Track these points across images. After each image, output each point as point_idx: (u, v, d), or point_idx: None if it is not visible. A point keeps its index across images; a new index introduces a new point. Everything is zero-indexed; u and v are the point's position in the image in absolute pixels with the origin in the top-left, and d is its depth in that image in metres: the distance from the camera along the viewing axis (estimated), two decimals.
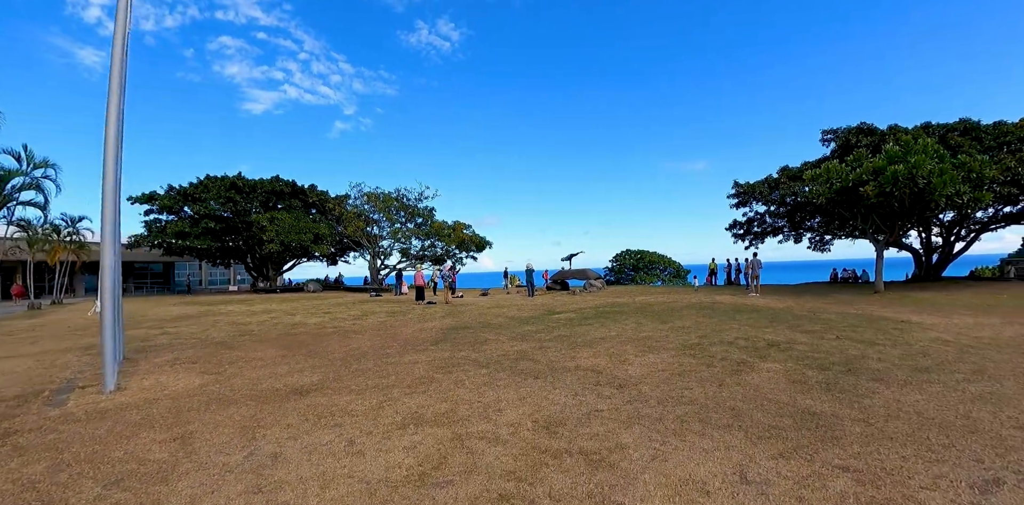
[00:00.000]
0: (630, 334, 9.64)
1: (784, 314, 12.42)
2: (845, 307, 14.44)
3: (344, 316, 15.69)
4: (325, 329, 12.59)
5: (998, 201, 21.00)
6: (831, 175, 18.73)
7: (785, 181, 25.86)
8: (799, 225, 30.68)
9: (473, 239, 41.98)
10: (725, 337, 8.88)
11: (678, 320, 11.56)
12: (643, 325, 10.89)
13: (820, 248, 33.63)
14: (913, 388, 5.41)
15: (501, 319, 13.22)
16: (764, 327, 10.13)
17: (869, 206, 18.18)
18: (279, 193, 38.24)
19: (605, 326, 10.93)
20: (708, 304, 15.22)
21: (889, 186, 16.68)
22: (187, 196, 34.93)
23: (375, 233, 40.19)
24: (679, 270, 50.61)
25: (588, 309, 14.86)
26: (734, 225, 32.35)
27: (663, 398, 5.24)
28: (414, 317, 14.73)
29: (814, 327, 10.05)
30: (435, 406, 5.30)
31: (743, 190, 28.44)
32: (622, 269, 51.75)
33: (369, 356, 8.51)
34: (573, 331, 10.32)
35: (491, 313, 14.89)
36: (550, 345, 8.75)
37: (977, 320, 11.27)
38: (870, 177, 17.55)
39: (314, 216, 39.57)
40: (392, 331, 11.72)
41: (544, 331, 10.53)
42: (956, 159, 17.01)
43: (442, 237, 39.56)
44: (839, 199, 18.88)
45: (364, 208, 39.60)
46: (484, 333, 10.55)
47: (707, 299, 17.27)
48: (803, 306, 14.70)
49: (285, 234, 34.01)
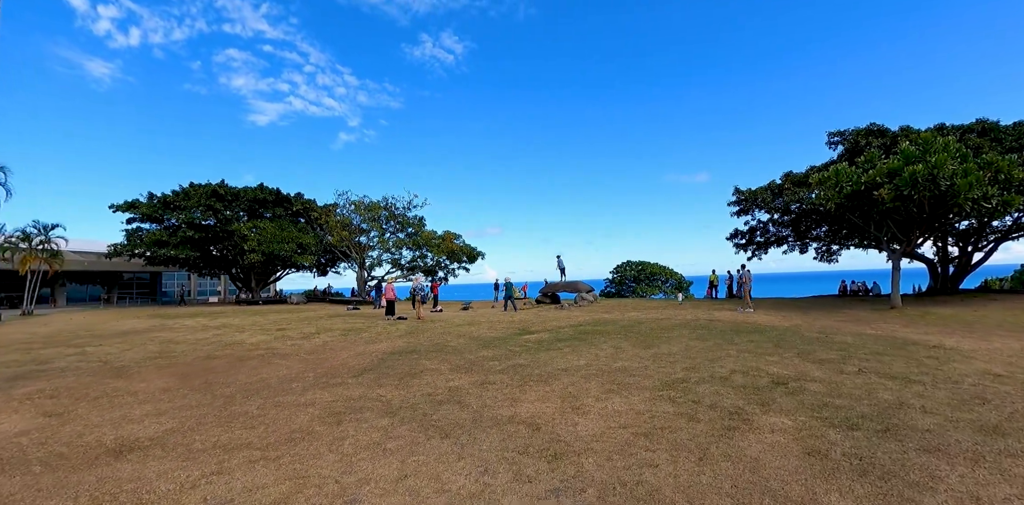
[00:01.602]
0: (602, 364, 7.82)
1: (791, 336, 10.57)
2: (861, 326, 12.58)
3: (293, 334, 13.91)
4: (255, 351, 10.81)
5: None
6: (841, 178, 16.95)
7: (790, 187, 24.08)
8: (805, 234, 28.82)
9: (464, 249, 40.25)
10: (718, 370, 7.04)
11: (665, 344, 9.72)
12: (622, 351, 9.06)
13: (827, 259, 31.71)
14: (991, 468, 3.58)
15: (461, 341, 11.41)
16: (767, 354, 8.29)
17: (883, 212, 16.37)
18: (262, 201, 36.70)
19: (576, 351, 9.10)
20: (704, 322, 13.37)
21: (907, 189, 14.88)
22: (168, 204, 33.47)
23: (364, 243, 38.55)
24: (680, 282, 48.69)
25: (567, 328, 13.03)
26: (735, 235, 30.50)
27: (609, 485, 3.43)
28: (367, 337, 12.94)
29: (829, 354, 8.20)
30: (268, 489, 3.51)
31: (744, 197, 26.67)
32: (623, 280, 49.85)
33: (265, 392, 6.73)
34: (535, 359, 8.51)
35: (456, 332, 13.08)
36: (496, 380, 6.93)
37: (1012, 344, 9.40)
38: (885, 179, 15.76)
39: (301, 225, 37.98)
40: (326, 355, 9.92)
41: (501, 358, 8.72)
42: (981, 158, 15.23)
43: (431, 247, 37.85)
44: (850, 205, 17.07)
45: (351, 217, 37.92)
46: (428, 360, 8.74)
47: (704, 316, 15.41)
48: (812, 325, 12.84)
49: (267, 244, 32.40)
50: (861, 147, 22.52)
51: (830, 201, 16.94)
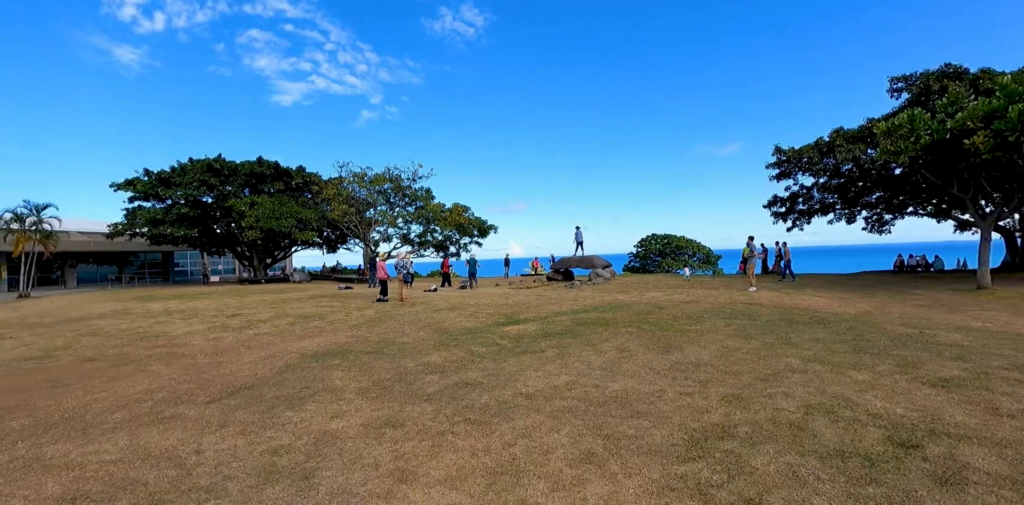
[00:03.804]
0: (592, 384, 5.10)
1: (869, 331, 7.63)
2: (955, 315, 9.50)
3: (238, 323, 11.57)
4: (154, 350, 8.43)
5: None
6: (917, 125, 13.45)
7: (842, 143, 20.42)
8: (855, 201, 25.08)
9: (474, 223, 37.49)
10: (781, 404, 4.24)
11: (692, 344, 6.91)
12: (628, 356, 6.31)
13: (878, 229, 27.95)
14: None
15: (422, 335, 8.81)
16: (850, 368, 5.44)
17: (975, 166, 12.91)
18: (260, 175, 34.43)
19: (562, 357, 6.38)
20: (743, 308, 10.44)
21: (1012, 134, 11.42)
22: (164, 181, 31.55)
23: (371, 217, 36.19)
24: (709, 255, 45.32)
25: (565, 316, 10.30)
26: (774, 202, 26.90)
27: None
28: (315, 327, 10.48)
29: (947, 369, 5.29)
30: None
31: (786, 157, 23.02)
32: (647, 255, 46.75)
33: (37, 435, 4.26)
34: (497, 370, 5.83)
35: (426, 321, 10.51)
36: (410, 417, 4.29)
37: None
38: (979, 124, 12.27)
39: (303, 200, 35.71)
40: (228, 358, 7.43)
41: (449, 367, 6.07)
42: None
43: (438, 220, 35.23)
44: (928, 159, 13.61)
45: (356, 190, 35.40)
46: (344, 371, 6.15)
47: (742, 298, 12.46)
48: (888, 313, 9.80)
49: (265, 220, 30.27)
50: (934, 92, 18.67)
51: (903, 154, 13.49)
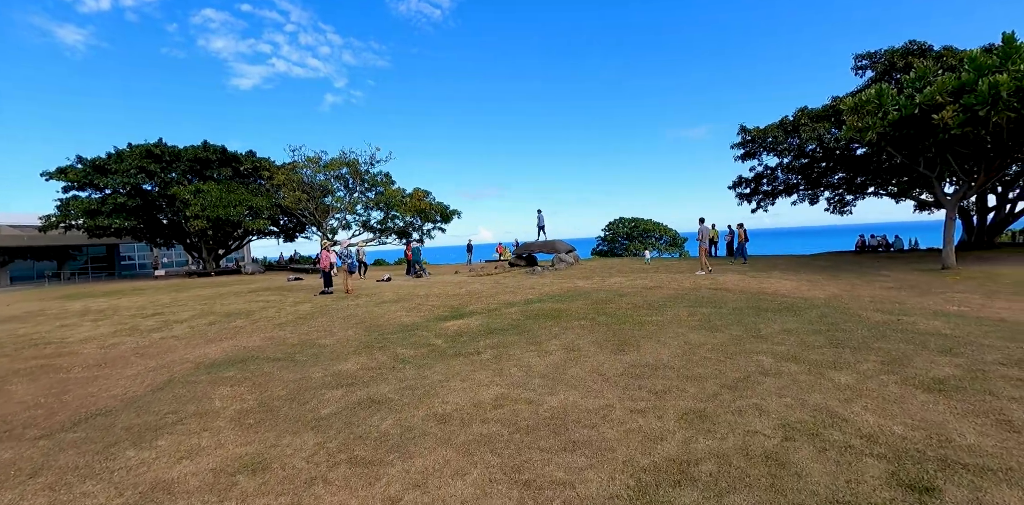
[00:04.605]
0: (527, 396, 4.19)
1: (843, 319, 6.96)
2: (927, 298, 8.98)
3: (154, 323, 10.27)
4: (30, 361, 7.15)
5: None
6: (885, 101, 12.92)
7: (807, 122, 20.00)
8: (817, 182, 24.88)
9: (436, 208, 36.11)
10: (754, 425, 3.41)
11: (651, 340, 6.09)
12: (577, 356, 5.44)
13: (840, 210, 28.02)
14: None
15: (350, 333, 7.76)
16: (829, 367, 4.69)
17: (943, 143, 12.46)
18: (206, 161, 32.06)
19: (499, 361, 5.46)
20: (708, 295, 9.73)
21: (983, 109, 10.94)
22: (99, 168, 28.97)
23: (329, 204, 34.39)
24: (675, 238, 45.40)
25: (516, 307, 9.38)
26: (739, 183, 26.52)
27: None
28: (235, 326, 9.30)
29: (935, 365, 4.59)
30: None
31: (752, 137, 22.53)
32: (615, 238, 46.59)
33: None
34: (418, 380, 4.87)
35: (361, 317, 9.44)
36: (278, 454, 3.30)
37: None
38: (948, 99, 11.78)
39: (254, 187, 33.52)
40: (108, 371, 6.24)
41: (360, 379, 5.08)
42: None
43: (397, 206, 33.73)
44: (896, 135, 13.12)
45: (312, 176, 33.44)
46: (235, 386, 5.10)
47: (707, 282, 11.80)
48: (858, 296, 9.24)
49: (212, 208, 28.20)
50: (898, 69, 18.30)
51: (870, 131, 12.94)
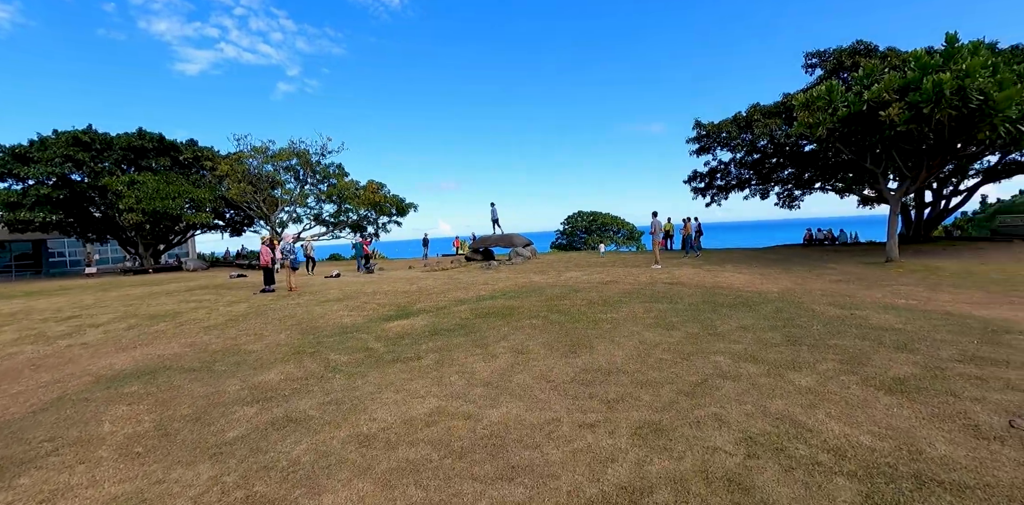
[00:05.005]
0: (466, 409, 3.75)
1: (798, 314, 6.86)
2: (874, 291, 9.09)
3: (59, 331, 9.28)
4: None
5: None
6: (835, 97, 13.10)
7: (759, 118, 20.29)
8: (768, 177, 25.47)
9: (391, 201, 34.99)
10: (715, 441, 3.09)
11: (605, 340, 5.77)
12: (525, 360, 5.05)
13: (789, 205, 28.83)
14: None
15: (284, 336, 7.13)
16: (788, 367, 4.48)
17: (888, 139, 12.72)
18: (141, 150, 29.75)
19: (441, 367, 5.01)
20: (664, 290, 9.55)
21: (927, 106, 11.18)
22: (20, 157, 26.39)
23: (279, 196, 32.75)
24: (632, 232, 46.09)
25: (467, 304, 8.93)
26: (694, 177, 26.84)
27: None
28: (158, 331, 8.48)
29: (893, 363, 4.45)
30: None
31: (706, 132, 22.73)
32: (574, 232, 46.93)
33: None
34: (348, 392, 4.35)
35: (300, 317, 8.78)
36: (167, 495, 2.75)
37: None
38: (894, 96, 12.02)
39: (196, 178, 31.43)
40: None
41: (286, 393, 4.53)
42: (1018, 68, 11.64)
43: (350, 199, 32.49)
44: (844, 131, 13.34)
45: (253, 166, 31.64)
46: (128, 404, 4.44)
47: (663, 276, 11.68)
48: (809, 290, 9.26)
49: (148, 201, 26.16)
50: (846, 67, 18.76)
51: (820, 126, 13.12)
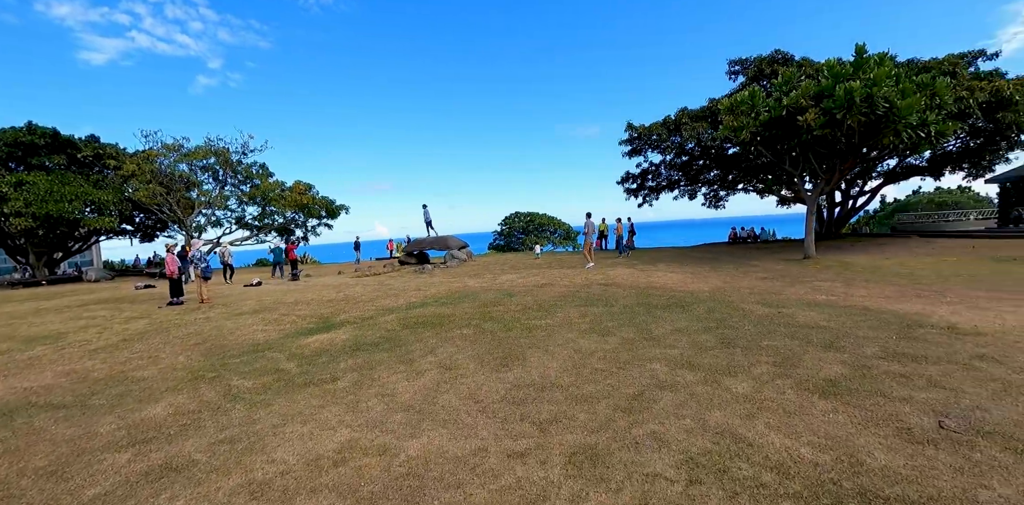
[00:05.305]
0: (381, 441, 3.31)
1: (729, 314, 6.88)
2: (797, 287, 9.40)
3: None
4: None
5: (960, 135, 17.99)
6: (757, 102, 13.63)
7: (687, 122, 20.93)
8: (696, 178, 26.44)
9: (321, 203, 33.21)
10: (655, 465, 2.84)
11: (537, 351, 5.47)
12: (454, 376, 4.65)
13: (715, 205, 30.10)
14: None
15: (183, 358, 6.33)
16: (724, 372, 4.35)
17: (805, 143, 13.37)
18: (30, 147, 26.37)
19: (358, 390, 4.51)
20: (599, 292, 9.44)
21: (840, 112, 11.80)
22: None
23: (196, 198, 30.11)
24: (569, 232, 46.63)
25: (395, 313, 8.39)
26: (627, 178, 27.42)
27: None
28: (33, 357, 7.35)
29: (824, 363, 4.43)
30: None
31: (638, 134, 23.23)
32: (511, 233, 46.85)
33: None
34: (247, 426, 3.78)
35: (207, 334, 7.92)
36: None
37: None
38: (811, 102, 12.63)
39: (99, 178, 28.24)
40: None
41: (170, 433, 3.88)
42: (916, 79, 12.55)
43: (274, 200, 30.50)
44: (767, 135, 13.90)
45: (165, 165, 28.95)
46: None
47: (598, 277, 11.63)
48: (738, 288, 9.45)
49: (40, 204, 23.12)
50: (766, 75, 19.72)
51: (744, 130, 13.60)
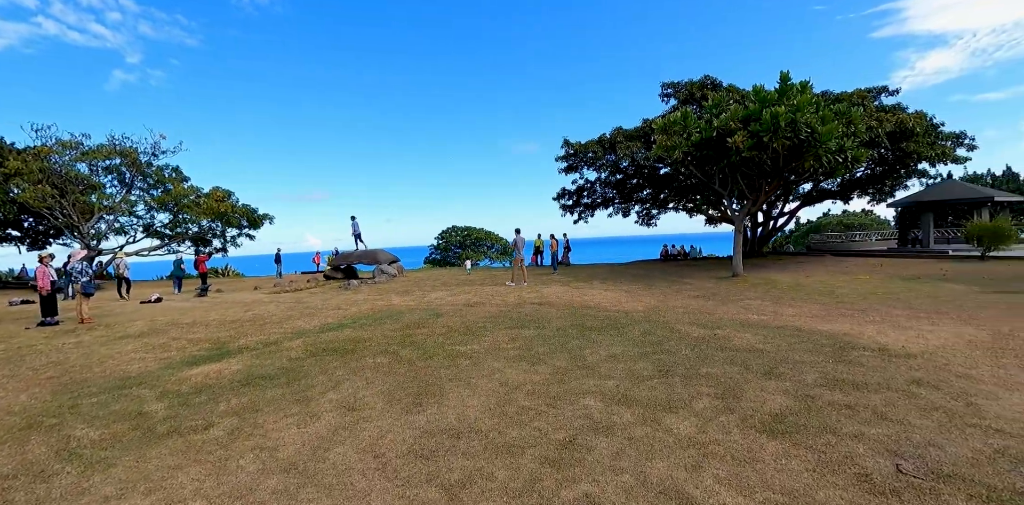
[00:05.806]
0: None
1: (666, 336, 6.55)
2: (729, 307, 9.34)
3: None
4: None
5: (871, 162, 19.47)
6: (690, 123, 13.88)
7: (622, 140, 21.24)
8: (630, 196, 26.93)
9: (241, 212, 30.80)
10: None
11: (458, 385, 4.84)
12: (354, 422, 3.93)
13: (647, 223, 30.80)
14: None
15: (25, 398, 5.17)
16: (666, 409, 3.91)
17: (734, 164, 13.70)
18: None
19: (232, 442, 3.70)
20: (532, 312, 8.95)
21: (767, 135, 12.15)
22: None
23: (96, 201, 27.00)
24: (505, 247, 46.43)
25: (306, 336, 7.48)
26: (563, 194, 27.49)
27: None
28: None
29: (772, 396, 4.10)
30: None
31: (574, 151, 23.34)
32: (448, 247, 46.06)
33: None
34: (71, 500, 2.90)
35: (72, 364, 6.66)
36: None
37: (957, 331, 6.50)
38: (739, 125, 12.97)
39: None
40: None
41: None
42: (835, 107, 13.21)
43: (187, 207, 27.96)
44: (698, 155, 14.15)
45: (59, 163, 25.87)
46: None
47: (531, 295, 11.17)
48: (672, 307, 9.26)
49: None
50: (696, 99, 20.40)
51: (677, 150, 13.78)
